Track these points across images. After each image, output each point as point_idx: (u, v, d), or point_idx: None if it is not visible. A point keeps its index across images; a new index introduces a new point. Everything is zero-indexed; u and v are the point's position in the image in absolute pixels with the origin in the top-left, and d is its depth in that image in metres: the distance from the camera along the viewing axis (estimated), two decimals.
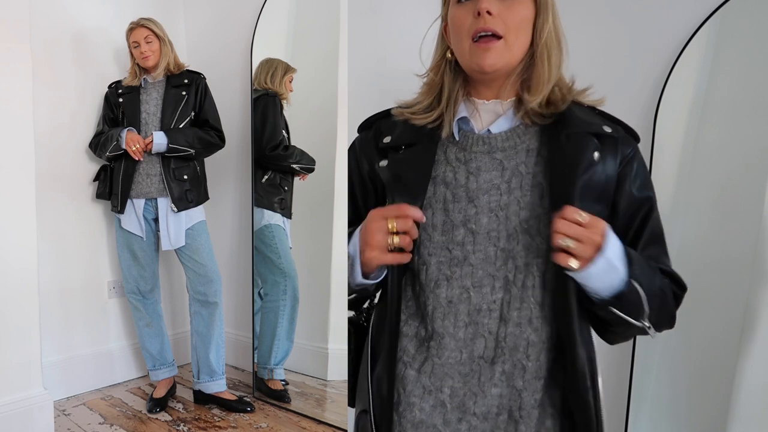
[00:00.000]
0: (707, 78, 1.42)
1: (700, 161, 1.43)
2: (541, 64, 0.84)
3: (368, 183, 0.95)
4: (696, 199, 1.43)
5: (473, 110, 0.90)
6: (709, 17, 1.39)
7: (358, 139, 0.99)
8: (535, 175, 0.84)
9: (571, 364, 0.79)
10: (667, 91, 1.45)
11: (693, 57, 1.42)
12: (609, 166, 0.84)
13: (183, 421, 2.44)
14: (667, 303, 0.85)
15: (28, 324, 2.24)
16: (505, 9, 0.82)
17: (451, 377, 0.83)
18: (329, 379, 2.57)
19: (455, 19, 0.86)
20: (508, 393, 0.81)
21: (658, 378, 1.48)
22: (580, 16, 1.07)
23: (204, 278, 2.49)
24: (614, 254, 0.75)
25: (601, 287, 0.76)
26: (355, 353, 0.98)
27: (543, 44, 0.84)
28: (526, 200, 0.83)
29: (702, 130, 1.42)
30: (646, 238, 0.87)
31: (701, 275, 1.39)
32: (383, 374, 0.86)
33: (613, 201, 0.86)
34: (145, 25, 2.45)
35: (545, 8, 0.84)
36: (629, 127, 0.91)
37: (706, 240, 1.40)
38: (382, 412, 0.85)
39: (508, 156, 0.85)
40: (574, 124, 0.83)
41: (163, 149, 2.40)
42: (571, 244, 0.72)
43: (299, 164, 2.53)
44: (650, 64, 1.48)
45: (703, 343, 1.41)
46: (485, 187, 0.84)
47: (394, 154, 0.89)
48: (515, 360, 0.81)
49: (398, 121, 0.93)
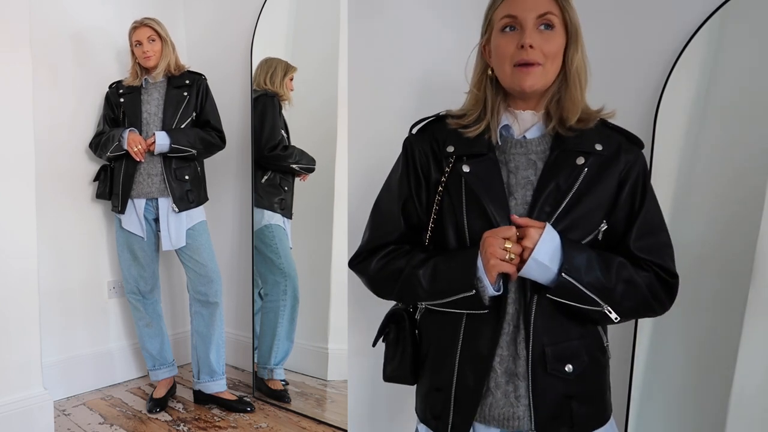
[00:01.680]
0: (707, 78, 1.41)
1: (700, 161, 1.43)
2: (574, 87, 1.01)
3: (421, 176, 1.10)
4: (696, 199, 1.43)
5: (513, 119, 1.06)
6: (709, 17, 1.39)
7: (413, 138, 1.13)
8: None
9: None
10: (668, 92, 1.45)
11: (693, 57, 1.41)
12: (606, 175, 1.01)
13: (183, 421, 2.44)
14: (639, 292, 1.00)
15: (28, 324, 2.24)
16: (543, 41, 0.98)
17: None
18: (329, 379, 2.57)
19: (499, 47, 1.02)
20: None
21: (657, 377, 1.48)
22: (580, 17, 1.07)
23: (204, 278, 2.49)
24: (543, 255, 0.94)
25: (540, 280, 0.97)
26: (411, 337, 1.14)
27: (574, 70, 1.01)
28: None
29: (702, 131, 1.42)
30: (639, 230, 1.02)
31: (701, 275, 1.39)
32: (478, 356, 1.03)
33: (614, 201, 1.02)
34: (148, 25, 2.45)
35: (575, 39, 1.01)
36: (633, 135, 1.06)
37: (706, 240, 1.40)
38: (465, 391, 1.03)
39: (540, 158, 1.03)
40: (571, 142, 1.02)
41: (166, 149, 2.39)
42: (505, 256, 0.95)
43: (299, 164, 2.53)
44: (650, 64, 1.48)
45: (703, 343, 1.41)
46: (522, 182, 1.02)
47: (465, 162, 1.04)
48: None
49: (451, 129, 1.08)
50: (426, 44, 1.80)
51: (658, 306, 1.04)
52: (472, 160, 1.03)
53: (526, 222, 0.97)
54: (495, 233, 0.97)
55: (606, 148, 1.02)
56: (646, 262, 1.02)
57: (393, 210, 1.12)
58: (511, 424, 1.01)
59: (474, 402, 1.02)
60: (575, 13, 1.02)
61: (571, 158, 1.00)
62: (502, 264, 0.96)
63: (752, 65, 1.35)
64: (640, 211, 1.03)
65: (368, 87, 1.92)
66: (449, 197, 1.05)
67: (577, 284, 0.95)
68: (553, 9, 0.99)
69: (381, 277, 1.11)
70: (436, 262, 1.04)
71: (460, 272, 0.99)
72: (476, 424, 1.04)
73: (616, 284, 0.98)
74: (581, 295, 0.96)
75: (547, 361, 0.99)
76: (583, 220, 1.00)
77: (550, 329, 1.00)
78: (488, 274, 0.97)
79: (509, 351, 1.01)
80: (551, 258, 0.95)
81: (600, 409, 1.06)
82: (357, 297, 1.94)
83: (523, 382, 1.00)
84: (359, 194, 1.93)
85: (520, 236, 0.96)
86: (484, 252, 0.97)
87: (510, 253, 0.95)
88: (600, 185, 1.00)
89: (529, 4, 0.99)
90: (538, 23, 0.99)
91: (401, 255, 1.09)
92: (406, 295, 1.09)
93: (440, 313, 1.07)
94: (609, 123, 1.07)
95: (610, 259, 0.99)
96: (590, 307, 0.98)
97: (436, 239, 1.09)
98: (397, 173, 1.13)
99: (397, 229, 1.11)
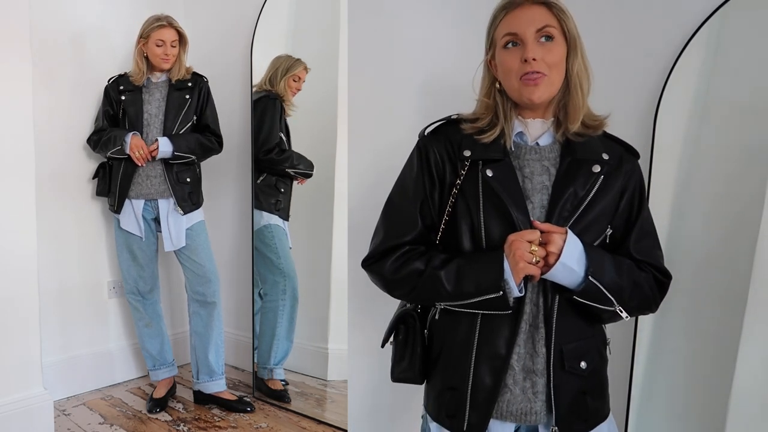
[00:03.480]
0: (707, 78, 1.42)
1: (700, 161, 1.43)
2: (576, 93, 1.05)
3: (435, 178, 1.12)
4: (696, 199, 1.43)
5: (525, 126, 1.10)
6: (708, 17, 1.39)
7: (427, 140, 1.15)
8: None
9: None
10: (667, 92, 1.45)
11: (693, 58, 1.41)
12: (612, 183, 1.06)
13: (183, 421, 2.44)
14: (643, 292, 1.07)
15: (28, 324, 2.24)
16: (545, 52, 1.02)
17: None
18: (329, 379, 2.57)
19: (504, 62, 1.05)
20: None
21: (658, 377, 1.48)
22: (579, 18, 1.07)
23: (202, 278, 2.49)
24: (570, 259, 0.99)
25: (566, 282, 1.01)
26: (421, 338, 1.16)
27: (575, 76, 1.05)
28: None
29: (702, 131, 1.43)
30: (637, 234, 1.09)
31: (701, 275, 1.39)
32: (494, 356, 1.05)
33: (616, 207, 1.08)
34: (175, 27, 2.40)
35: (574, 46, 1.05)
36: (631, 147, 1.12)
37: (706, 240, 1.40)
38: (482, 389, 1.05)
39: (552, 164, 1.07)
40: (580, 151, 1.06)
41: (168, 156, 2.39)
42: (532, 259, 0.98)
43: (294, 169, 2.52)
44: (650, 65, 1.48)
45: (703, 342, 1.41)
46: (538, 187, 1.06)
47: (485, 166, 1.06)
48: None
49: (465, 133, 1.10)
50: (426, 44, 1.80)
51: (654, 305, 1.12)
52: (491, 165, 1.06)
53: (548, 228, 1.00)
54: (520, 236, 0.99)
55: (611, 158, 1.07)
56: (644, 264, 1.09)
57: (410, 211, 1.12)
58: (529, 418, 1.05)
59: (491, 399, 1.05)
60: (573, 22, 1.05)
61: (585, 165, 1.05)
62: (529, 266, 0.99)
63: (752, 65, 1.35)
64: (638, 218, 1.09)
65: (368, 87, 1.92)
66: (464, 200, 1.07)
67: (600, 286, 1.01)
68: (551, 21, 1.03)
69: (398, 278, 1.11)
70: (459, 264, 1.05)
71: (488, 274, 1.01)
72: (492, 420, 1.07)
73: (627, 285, 1.04)
74: (602, 296, 1.02)
75: (565, 359, 1.04)
76: (593, 224, 1.05)
77: (568, 329, 1.05)
78: (515, 276, 1.00)
79: (526, 349, 1.05)
80: (578, 262, 1.00)
81: (604, 403, 1.13)
82: (357, 297, 1.94)
83: (541, 378, 1.04)
84: (359, 194, 1.93)
85: (543, 241, 0.99)
86: (512, 255, 0.99)
87: (536, 256, 0.99)
88: (608, 192, 1.06)
89: (527, 20, 1.02)
90: (538, 36, 1.02)
91: (417, 256, 1.10)
92: (426, 296, 1.10)
93: (456, 314, 1.09)
94: (608, 134, 1.12)
95: (621, 262, 1.06)
96: (605, 307, 1.03)
97: (446, 241, 1.11)
98: (411, 174, 1.14)
99: (414, 229, 1.12)
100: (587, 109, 1.08)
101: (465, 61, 1.16)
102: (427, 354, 1.16)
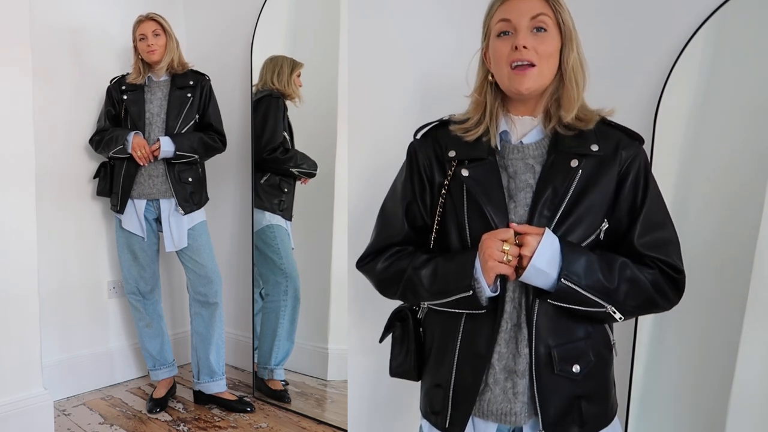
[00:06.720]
0: (707, 78, 1.42)
1: (700, 161, 1.43)
2: (570, 86, 1.03)
3: (425, 180, 1.13)
4: (696, 199, 1.43)
5: (511, 124, 1.08)
6: (709, 17, 1.39)
7: (417, 143, 1.16)
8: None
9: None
10: (667, 91, 1.45)
11: (693, 57, 1.41)
12: (604, 174, 1.02)
13: (183, 421, 2.44)
14: (643, 291, 1.01)
15: (28, 324, 2.24)
16: (537, 42, 1.01)
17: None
18: (329, 379, 2.57)
19: (496, 50, 1.05)
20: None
21: (658, 377, 1.48)
22: (580, 16, 1.08)
23: (204, 279, 2.49)
24: (541, 262, 0.96)
25: (539, 285, 0.99)
26: (415, 335, 1.17)
27: (570, 69, 1.03)
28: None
29: (702, 130, 1.42)
30: (642, 227, 1.03)
31: (701, 275, 1.39)
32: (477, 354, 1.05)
33: (615, 199, 1.03)
34: (154, 18, 2.44)
35: (569, 40, 1.04)
36: (632, 132, 1.06)
37: (706, 240, 1.40)
38: (463, 388, 1.05)
39: (538, 162, 1.05)
40: (565, 145, 1.03)
41: (170, 155, 2.39)
42: (503, 258, 0.97)
43: (298, 168, 2.52)
44: (650, 64, 1.48)
45: (703, 342, 1.41)
46: (522, 186, 1.04)
47: (465, 166, 1.07)
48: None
49: (453, 135, 1.10)
50: (426, 44, 1.80)
51: (665, 302, 1.05)
52: (473, 164, 1.06)
53: (524, 229, 0.98)
54: (493, 235, 0.99)
55: (603, 148, 1.03)
56: (651, 259, 1.03)
57: (397, 213, 1.15)
58: (509, 419, 1.03)
59: (471, 398, 1.04)
60: (568, 14, 1.04)
61: (566, 161, 1.02)
62: (499, 266, 0.97)
63: (752, 65, 1.35)
64: (643, 207, 1.03)
65: (368, 87, 1.92)
66: (452, 200, 1.08)
67: (577, 288, 0.97)
68: (546, 10, 1.02)
69: (386, 278, 1.14)
70: (436, 263, 1.06)
71: (458, 273, 1.01)
72: (475, 418, 1.07)
73: (619, 284, 0.99)
74: (582, 298, 0.98)
75: (554, 363, 1.01)
76: (583, 221, 1.01)
77: (555, 330, 1.01)
78: (486, 276, 0.99)
79: (508, 349, 1.03)
80: (549, 264, 0.97)
81: (607, 408, 1.07)
82: (357, 297, 1.94)
83: (523, 379, 1.02)
84: (360, 194, 1.93)
85: (520, 243, 0.98)
86: (482, 254, 0.99)
87: (507, 255, 0.97)
88: (598, 185, 1.02)
89: (521, 8, 1.02)
90: (531, 26, 1.02)
91: (405, 256, 1.12)
92: (409, 295, 1.12)
93: (442, 313, 1.09)
94: (609, 121, 1.08)
95: (612, 260, 1.01)
96: (593, 309, 1.00)
97: (440, 241, 1.12)
98: (401, 177, 1.17)
99: (401, 231, 1.14)
100: (582, 102, 1.06)
101: (465, 61, 1.16)
102: (421, 351, 1.17)
